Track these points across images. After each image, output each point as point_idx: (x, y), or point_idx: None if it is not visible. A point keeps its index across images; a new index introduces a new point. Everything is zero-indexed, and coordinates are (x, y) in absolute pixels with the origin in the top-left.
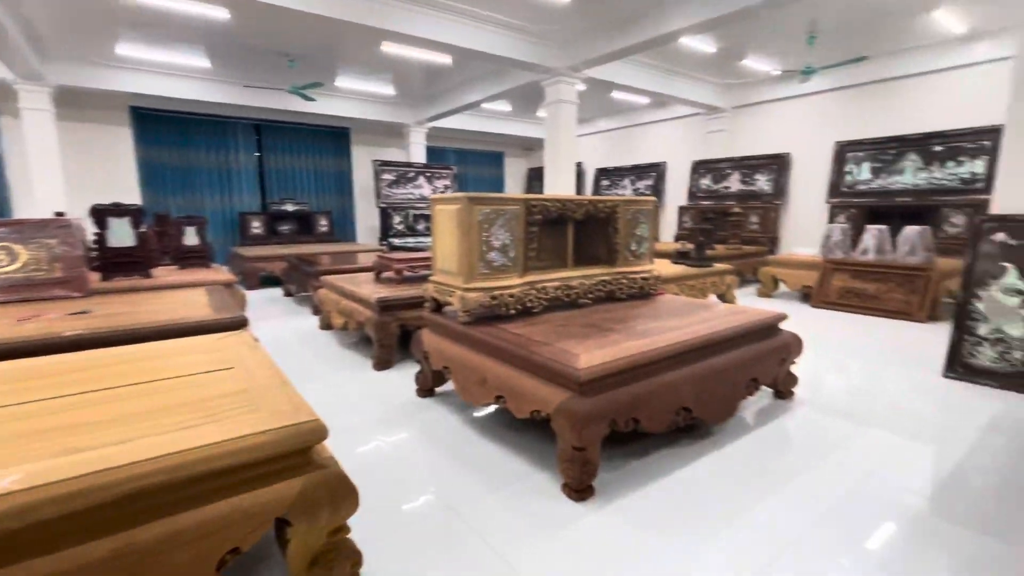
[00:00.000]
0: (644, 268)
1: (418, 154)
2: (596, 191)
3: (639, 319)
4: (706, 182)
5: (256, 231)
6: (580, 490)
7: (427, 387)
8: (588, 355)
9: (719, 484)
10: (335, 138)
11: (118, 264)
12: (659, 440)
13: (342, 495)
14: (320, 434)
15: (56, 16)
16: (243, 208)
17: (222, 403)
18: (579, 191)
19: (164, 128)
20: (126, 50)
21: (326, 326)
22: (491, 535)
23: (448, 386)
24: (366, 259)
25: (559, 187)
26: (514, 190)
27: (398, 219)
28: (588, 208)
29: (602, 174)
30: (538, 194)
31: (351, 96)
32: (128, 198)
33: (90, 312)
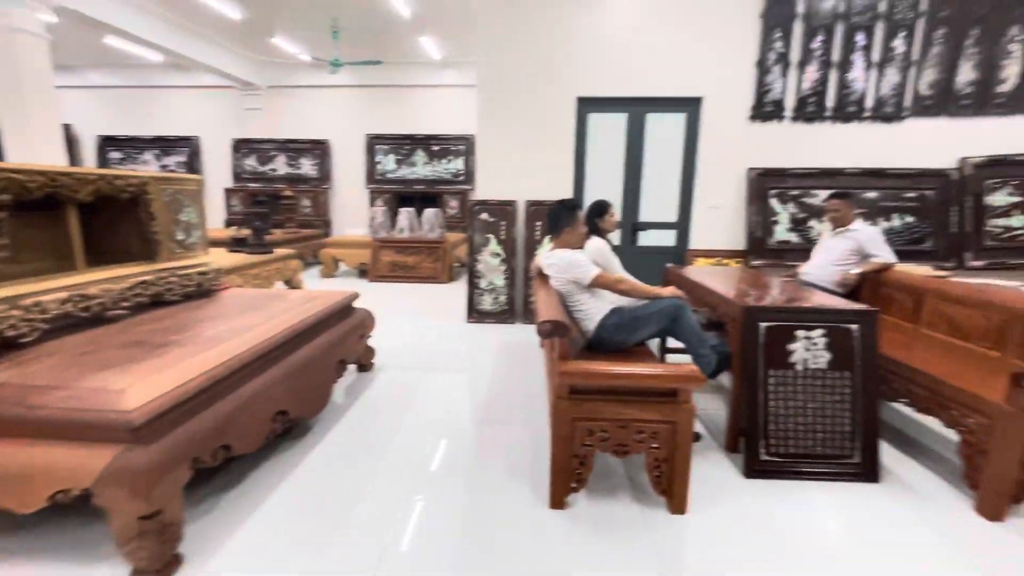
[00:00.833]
0: (198, 261)
1: None
2: (104, 165)
3: (205, 323)
4: (251, 163)
5: None
6: (163, 568)
7: None
8: (140, 387)
9: (333, 474)
10: None
11: None
12: (256, 456)
13: None
14: None
15: None
16: None
17: None
18: (74, 163)
19: None
20: None
21: None
22: None
23: None
24: None
25: (39, 156)
26: None
27: None
28: (100, 185)
29: (109, 144)
30: None
31: None
32: None
33: None
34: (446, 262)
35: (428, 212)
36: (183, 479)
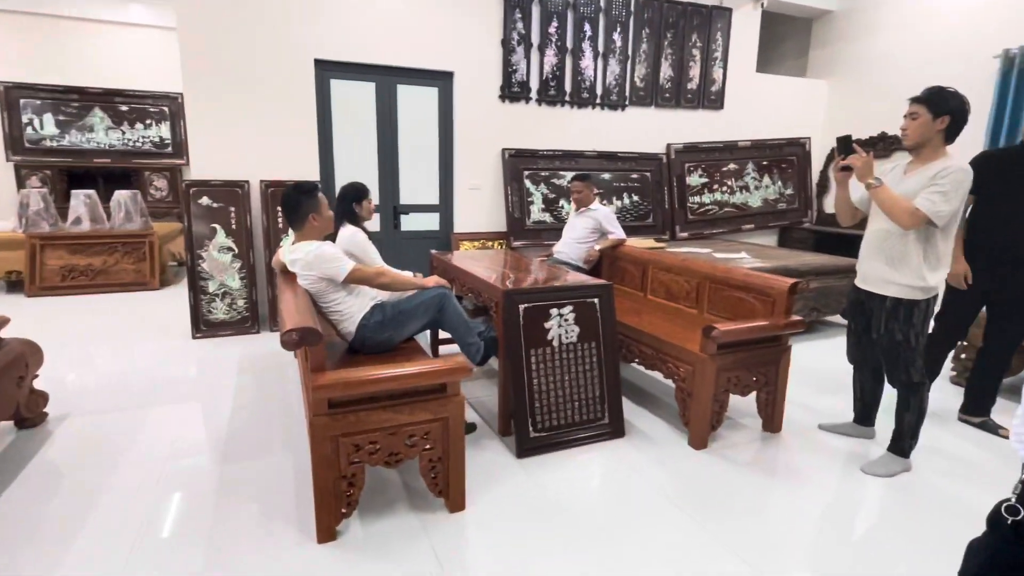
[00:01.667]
0: None
1: None
2: None
3: None
4: None
5: None
6: None
7: None
8: None
9: None
10: None
11: None
12: None
13: None
14: None
15: None
16: None
17: None
18: None
19: None
20: None
21: None
22: None
23: None
24: None
25: None
26: None
27: None
28: None
29: None
30: None
31: None
32: None
33: None
34: (156, 261)
35: (121, 195)
36: None
